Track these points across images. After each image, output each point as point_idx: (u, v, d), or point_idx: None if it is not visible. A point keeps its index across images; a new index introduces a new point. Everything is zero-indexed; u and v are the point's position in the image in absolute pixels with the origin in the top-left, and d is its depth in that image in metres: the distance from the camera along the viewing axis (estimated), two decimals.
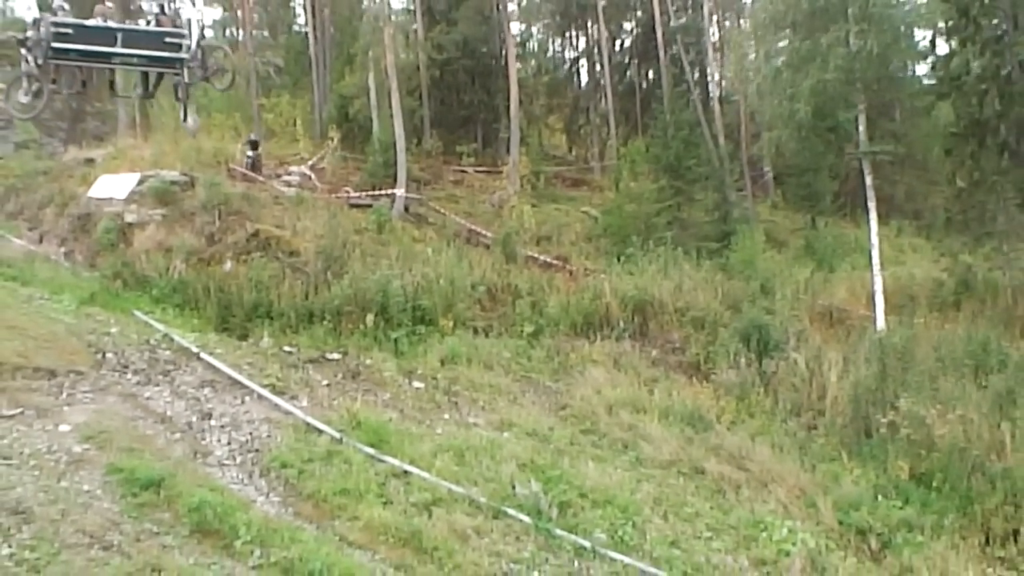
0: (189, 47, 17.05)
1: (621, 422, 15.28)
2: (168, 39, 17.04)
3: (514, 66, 28.52)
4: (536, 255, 22.96)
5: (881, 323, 21.38)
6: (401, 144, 24.70)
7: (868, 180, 22.34)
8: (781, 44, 25.50)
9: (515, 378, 17.06)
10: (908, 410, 14.58)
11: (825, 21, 22.47)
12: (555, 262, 22.81)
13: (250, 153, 24.85)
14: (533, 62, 42.75)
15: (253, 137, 26.12)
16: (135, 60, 17.14)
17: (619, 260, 22.69)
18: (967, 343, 18.89)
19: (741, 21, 39.50)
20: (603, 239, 25.96)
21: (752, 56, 28.72)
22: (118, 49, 16.68)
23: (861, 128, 22.53)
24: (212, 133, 28.51)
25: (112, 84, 19.51)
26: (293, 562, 9.47)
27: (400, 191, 23.80)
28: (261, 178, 23.71)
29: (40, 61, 16.36)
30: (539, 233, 24.90)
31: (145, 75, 18.23)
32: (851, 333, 20.32)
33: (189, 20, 18.68)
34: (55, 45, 16.12)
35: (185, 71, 17.27)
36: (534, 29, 45.14)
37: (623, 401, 15.97)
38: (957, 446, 14.07)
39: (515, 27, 41.67)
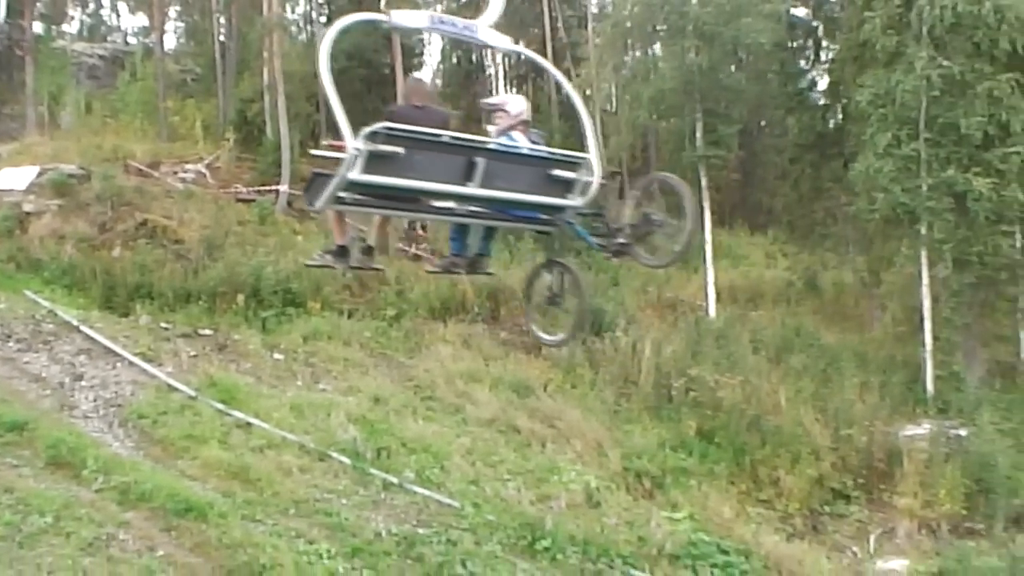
0: None
1: (456, 389, 16.96)
2: None
3: (400, 76, 30.11)
4: (407, 248, 24.57)
5: (713, 312, 23.45)
6: (286, 143, 26.13)
7: (703, 182, 24.32)
8: (627, 58, 27.61)
9: (371, 354, 18.59)
10: (697, 376, 16.60)
11: (665, 37, 24.53)
12: (424, 255, 24.37)
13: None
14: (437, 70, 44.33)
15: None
16: None
17: None
18: (781, 329, 21.11)
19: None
20: None
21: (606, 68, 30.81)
22: None
23: (699, 135, 24.53)
24: (122, 133, 29.75)
25: None
26: (130, 485, 11.03)
27: (284, 187, 25.23)
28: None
29: None
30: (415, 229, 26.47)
31: None
32: (687, 319, 22.32)
33: None
34: None
35: None
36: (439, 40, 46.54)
37: (462, 373, 17.63)
38: (737, 407, 16.14)
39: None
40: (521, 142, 7.33)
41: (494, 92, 39.12)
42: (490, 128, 7.58)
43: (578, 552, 11.80)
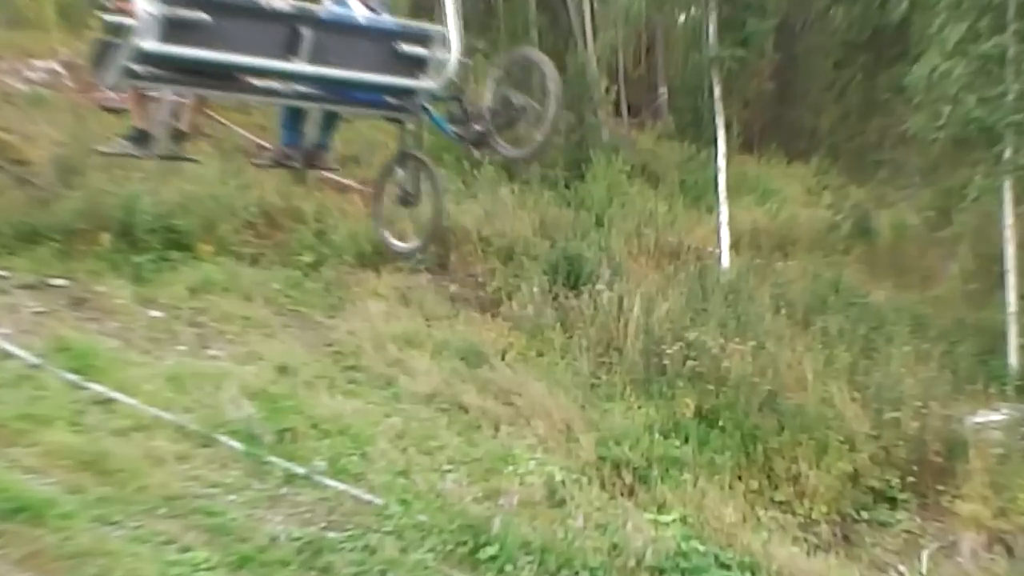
0: None
1: (388, 357, 17.07)
2: None
3: None
4: (333, 176, 24.44)
5: (727, 261, 23.52)
6: None
7: (716, 92, 24.19)
8: None
9: (278, 311, 18.63)
10: (697, 341, 16.71)
11: None
12: (354, 185, 24.19)
13: None
14: None
15: None
16: None
17: None
18: (813, 284, 21.26)
19: None
20: None
21: None
22: None
23: (711, 29, 24.25)
24: None
25: None
26: None
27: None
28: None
29: None
30: (345, 153, 26.31)
31: None
32: (690, 270, 22.38)
33: None
34: None
35: None
36: None
37: (396, 336, 17.73)
38: (748, 381, 16.26)
39: None
40: (357, 10, 7.78)
41: None
42: None
43: (533, 562, 11.84)
